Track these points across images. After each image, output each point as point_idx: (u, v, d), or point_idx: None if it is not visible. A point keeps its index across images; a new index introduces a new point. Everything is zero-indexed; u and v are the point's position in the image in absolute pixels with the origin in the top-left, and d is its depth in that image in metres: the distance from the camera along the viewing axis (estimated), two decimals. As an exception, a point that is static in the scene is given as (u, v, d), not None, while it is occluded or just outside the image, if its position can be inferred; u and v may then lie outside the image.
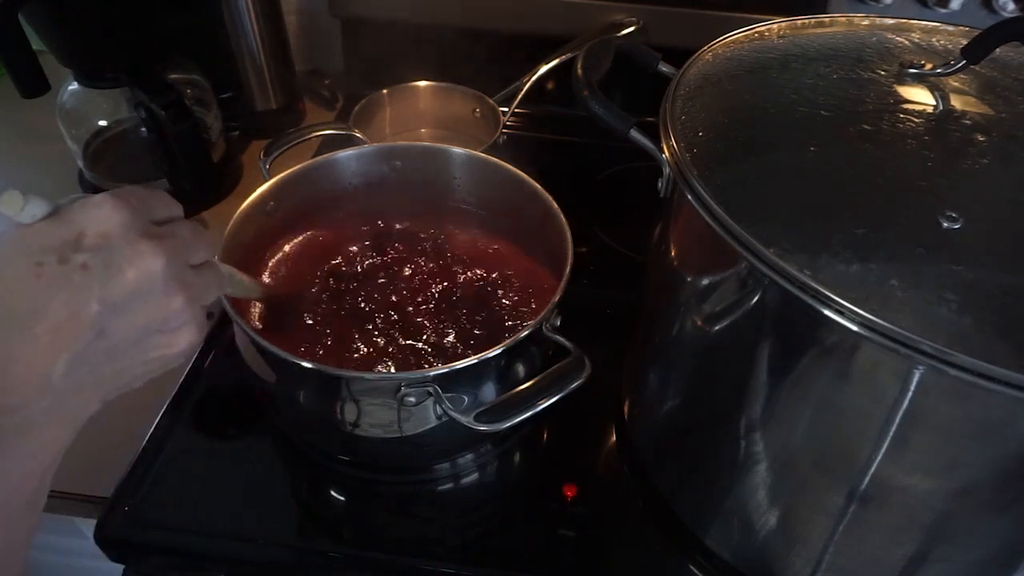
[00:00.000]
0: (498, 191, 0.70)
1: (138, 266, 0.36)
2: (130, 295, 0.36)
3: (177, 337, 0.39)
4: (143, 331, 0.37)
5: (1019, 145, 0.47)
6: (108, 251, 0.35)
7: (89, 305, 0.35)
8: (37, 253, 0.35)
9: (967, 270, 0.40)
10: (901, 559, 0.49)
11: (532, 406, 0.52)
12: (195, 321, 0.39)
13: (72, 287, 0.34)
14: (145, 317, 0.37)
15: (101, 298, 0.35)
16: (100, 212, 0.36)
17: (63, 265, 0.34)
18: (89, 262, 0.35)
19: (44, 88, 0.73)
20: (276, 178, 0.67)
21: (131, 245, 0.36)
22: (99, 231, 0.35)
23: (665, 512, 0.61)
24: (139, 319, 0.37)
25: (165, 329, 0.38)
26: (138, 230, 0.36)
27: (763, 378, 0.47)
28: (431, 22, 0.96)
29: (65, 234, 0.35)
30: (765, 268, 0.41)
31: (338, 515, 0.63)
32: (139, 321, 0.37)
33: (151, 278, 0.36)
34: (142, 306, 0.36)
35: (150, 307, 0.37)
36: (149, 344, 0.38)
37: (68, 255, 0.35)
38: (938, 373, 0.37)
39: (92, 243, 0.35)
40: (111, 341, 0.36)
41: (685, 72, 0.55)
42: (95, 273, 0.35)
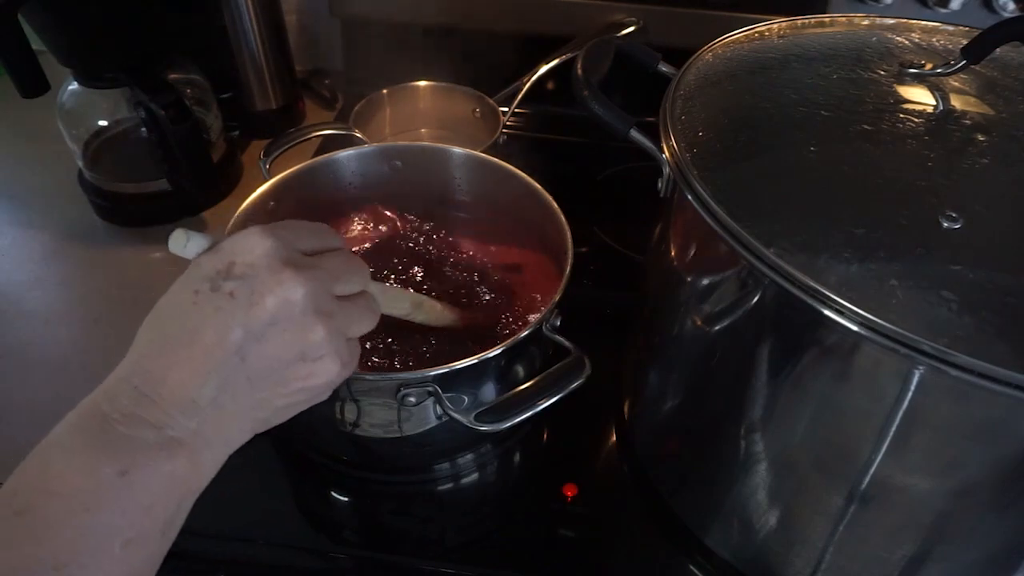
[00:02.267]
0: (498, 191, 0.70)
1: (278, 295, 0.36)
2: (270, 323, 0.36)
3: (317, 368, 0.39)
4: (282, 361, 0.37)
5: (1019, 145, 0.47)
6: (253, 279, 0.36)
7: (233, 331, 0.36)
8: (195, 282, 0.37)
9: (967, 270, 0.40)
10: (901, 559, 0.49)
11: (532, 406, 0.52)
12: (337, 355, 0.39)
13: (220, 313, 0.36)
14: (284, 346, 0.37)
15: (244, 325, 0.36)
16: (248, 242, 0.37)
17: (214, 293, 0.36)
18: (235, 290, 0.36)
19: (44, 88, 0.73)
20: (276, 178, 0.67)
21: (273, 274, 0.36)
22: (246, 260, 0.37)
23: (665, 512, 0.61)
24: (278, 348, 0.37)
25: (306, 360, 0.38)
26: (282, 259, 0.37)
27: (763, 378, 0.47)
28: (431, 22, 0.96)
29: (218, 264, 0.37)
30: (765, 268, 0.41)
31: (338, 515, 0.63)
32: (278, 350, 0.37)
33: (290, 307, 0.37)
34: (281, 335, 0.37)
35: (289, 337, 0.37)
36: (289, 374, 0.38)
37: (219, 283, 0.36)
38: (938, 373, 0.37)
39: (239, 271, 0.36)
40: (252, 369, 0.37)
41: (685, 72, 0.55)
42: (240, 300, 0.36)
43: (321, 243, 0.41)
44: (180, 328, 0.36)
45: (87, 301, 0.79)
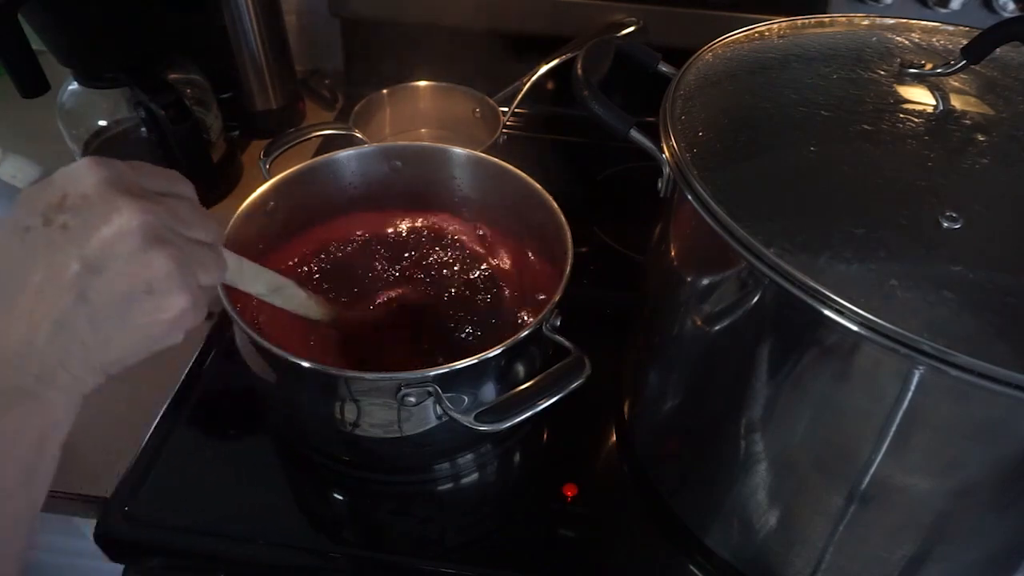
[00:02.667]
0: (498, 191, 0.70)
1: (114, 223, 0.34)
2: (107, 253, 0.34)
3: (165, 303, 0.36)
4: (126, 295, 0.35)
5: (1019, 145, 0.47)
6: (87, 209, 0.34)
7: (68, 266, 0.33)
8: (26, 218, 0.34)
9: (967, 270, 0.40)
10: (901, 559, 0.49)
11: (532, 406, 0.52)
12: (187, 288, 0.36)
13: (52, 248, 0.33)
14: (126, 278, 0.34)
15: (80, 257, 0.33)
16: (79, 171, 0.35)
17: (46, 228, 0.33)
18: (69, 222, 0.33)
19: (44, 88, 0.73)
20: (276, 178, 0.67)
21: (108, 202, 0.34)
22: (80, 191, 0.34)
23: (665, 512, 0.61)
24: (120, 281, 0.34)
25: (152, 293, 0.35)
26: (118, 187, 0.34)
27: (763, 378, 0.47)
28: (431, 22, 0.96)
29: (50, 197, 0.34)
30: (765, 268, 0.41)
31: (338, 515, 0.63)
32: (120, 283, 0.34)
33: (129, 236, 0.34)
34: (122, 266, 0.34)
35: (130, 267, 0.34)
36: (136, 310, 0.35)
37: (52, 217, 0.34)
38: (938, 373, 0.37)
39: (73, 203, 0.34)
40: (94, 305, 0.34)
41: (685, 72, 0.55)
42: (74, 232, 0.33)
43: (169, 186, 0.38)
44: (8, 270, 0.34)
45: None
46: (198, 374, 0.70)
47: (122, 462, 0.63)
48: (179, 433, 0.65)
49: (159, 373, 0.70)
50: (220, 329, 0.73)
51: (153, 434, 0.65)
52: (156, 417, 0.66)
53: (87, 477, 0.63)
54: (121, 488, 0.61)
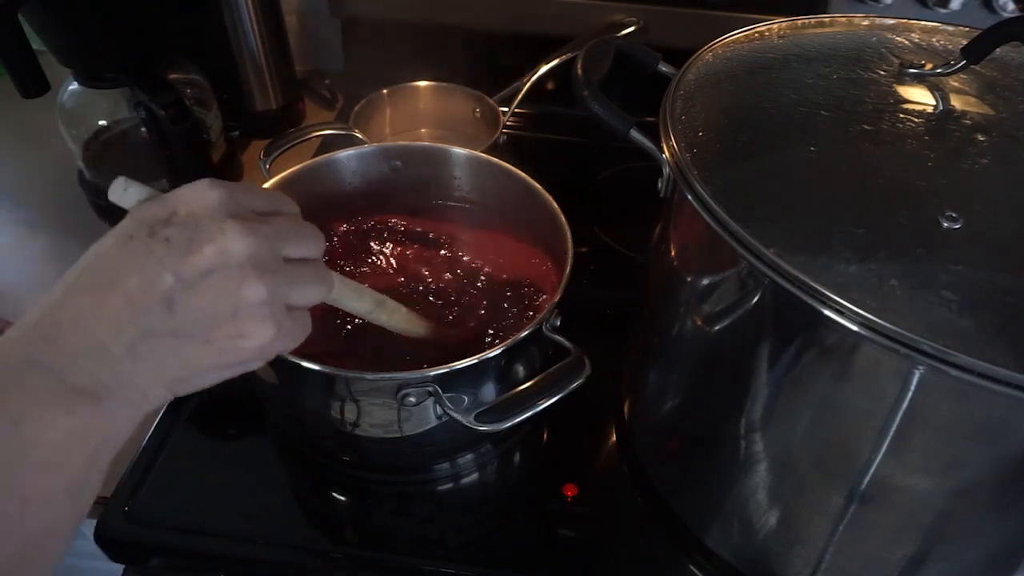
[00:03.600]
0: (498, 191, 0.70)
1: (218, 243, 0.34)
2: (204, 273, 0.34)
3: (250, 329, 0.35)
4: (213, 316, 0.35)
5: (1019, 145, 0.47)
6: (193, 227, 0.34)
7: (163, 277, 0.33)
8: (131, 228, 0.35)
9: (967, 270, 0.40)
10: (901, 559, 0.49)
11: (532, 406, 0.52)
12: (273, 318, 0.36)
13: (151, 258, 0.34)
14: (216, 300, 0.34)
15: (176, 271, 0.34)
16: (194, 191, 0.35)
17: (150, 239, 0.34)
18: (173, 236, 0.34)
19: (44, 88, 0.73)
20: (276, 178, 0.67)
21: (216, 223, 0.34)
22: (190, 210, 0.34)
23: (665, 512, 0.61)
24: (210, 301, 0.34)
25: (238, 318, 0.35)
26: (228, 211, 0.35)
27: (763, 378, 0.47)
28: (431, 22, 0.96)
29: (159, 212, 0.35)
30: (765, 268, 0.41)
31: (338, 515, 0.63)
32: (210, 303, 0.34)
33: (229, 258, 0.34)
34: (215, 287, 0.34)
35: (223, 289, 0.34)
36: (219, 332, 0.35)
37: (156, 230, 0.34)
38: (938, 373, 0.37)
39: (180, 220, 0.34)
40: (179, 320, 0.34)
41: (685, 72, 0.55)
42: (175, 247, 0.34)
43: (274, 206, 0.38)
44: (102, 271, 0.34)
45: (87, 301, 0.79)
46: (198, 374, 0.70)
47: (122, 462, 0.63)
48: (179, 433, 0.65)
49: (159, 373, 0.70)
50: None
51: (153, 434, 0.65)
52: (156, 417, 0.66)
53: (87, 477, 0.63)
54: (121, 488, 0.61)
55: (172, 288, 0.34)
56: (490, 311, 0.64)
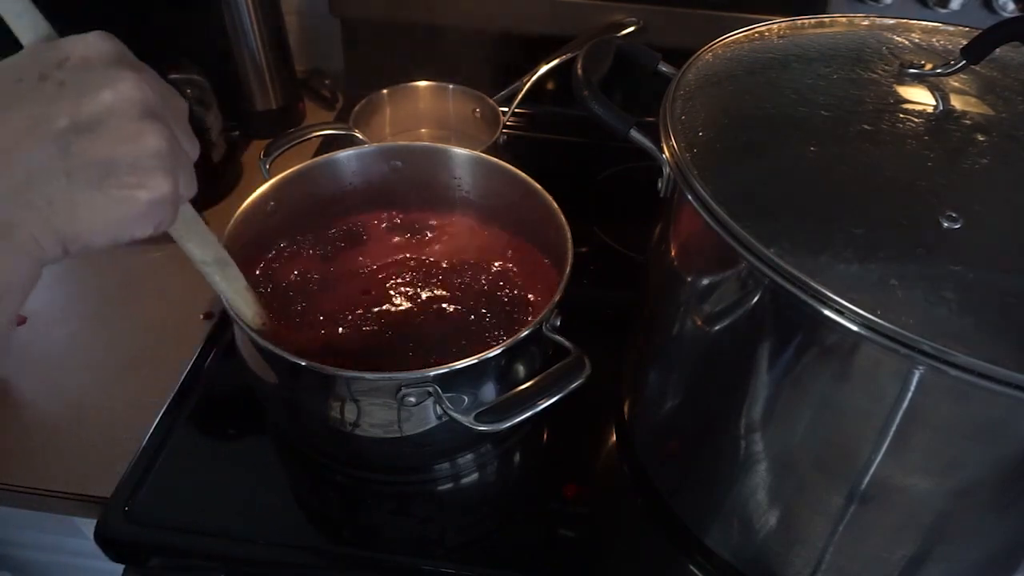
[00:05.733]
0: (498, 191, 0.70)
1: (117, 89, 0.33)
2: (101, 116, 0.33)
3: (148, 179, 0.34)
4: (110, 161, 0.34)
5: (1019, 145, 0.47)
6: (88, 71, 0.33)
7: (57, 119, 0.32)
8: (21, 70, 0.33)
9: (967, 270, 0.40)
10: (901, 559, 0.49)
11: (532, 406, 0.52)
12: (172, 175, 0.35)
13: (44, 100, 0.33)
14: (114, 144, 0.33)
15: (71, 113, 0.33)
16: (89, 39, 0.34)
17: (42, 82, 0.33)
18: (67, 79, 0.33)
19: (44, 88, 0.73)
20: (276, 178, 0.67)
21: (114, 70, 0.34)
22: (84, 55, 0.34)
23: (665, 512, 0.61)
24: (107, 145, 0.33)
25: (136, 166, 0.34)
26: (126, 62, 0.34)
27: (763, 378, 0.47)
28: (431, 22, 0.96)
29: (51, 56, 0.34)
30: (765, 268, 0.41)
31: (338, 515, 0.63)
32: (106, 147, 0.33)
33: (129, 104, 0.34)
34: (113, 132, 0.33)
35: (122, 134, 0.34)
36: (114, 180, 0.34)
37: (49, 73, 0.33)
38: (938, 373, 0.37)
39: (74, 64, 0.33)
40: (74, 160, 0.33)
41: (685, 72, 0.55)
42: (70, 90, 0.33)
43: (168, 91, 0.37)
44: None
45: (86, 299, 0.79)
46: (198, 374, 0.70)
47: (122, 462, 0.63)
48: (179, 433, 0.65)
49: (159, 373, 0.70)
50: (220, 329, 0.73)
51: (153, 434, 0.65)
52: (156, 417, 0.66)
53: (87, 477, 0.63)
54: (121, 488, 0.61)
55: (67, 129, 0.33)
56: (490, 311, 0.64)
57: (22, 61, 0.34)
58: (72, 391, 0.69)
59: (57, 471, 0.63)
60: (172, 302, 0.77)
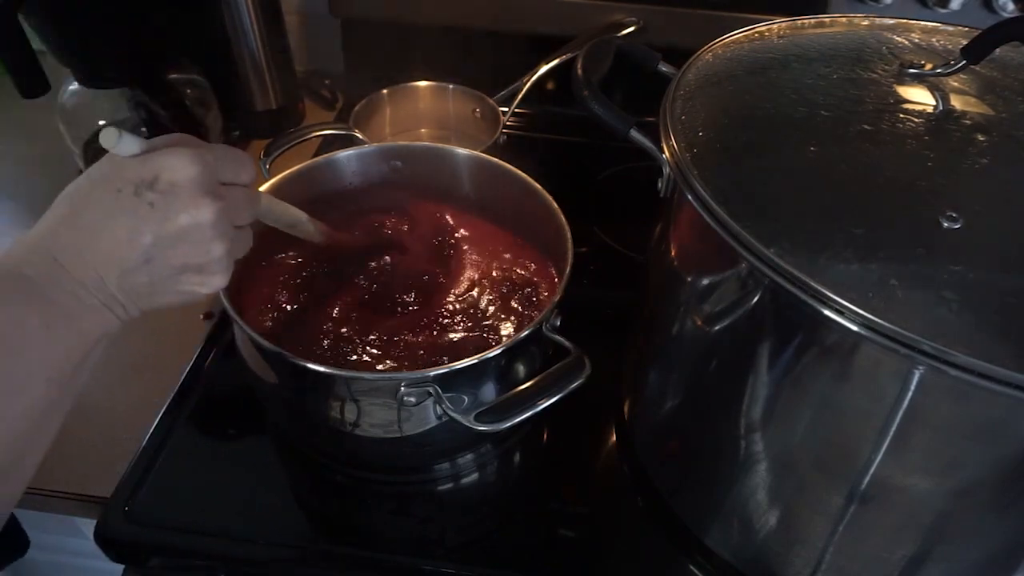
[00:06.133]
0: (498, 191, 0.70)
1: (193, 216, 0.43)
2: (179, 237, 0.43)
3: (209, 279, 0.46)
4: (182, 268, 0.44)
5: (1019, 145, 0.47)
6: (173, 197, 0.42)
7: (144, 236, 0.42)
8: (118, 182, 0.42)
9: (967, 270, 0.40)
10: (901, 559, 0.49)
11: (532, 406, 0.52)
12: (228, 271, 0.47)
13: (136, 217, 0.42)
14: (186, 257, 0.44)
15: (155, 233, 0.42)
16: (177, 161, 0.42)
17: (136, 198, 0.42)
18: (156, 202, 0.42)
19: (44, 88, 0.73)
20: (276, 178, 0.67)
21: (192, 197, 0.42)
22: (171, 178, 0.42)
23: (665, 512, 0.61)
24: (181, 258, 0.44)
25: (202, 272, 0.45)
26: (203, 186, 0.43)
27: (763, 378, 0.47)
28: (431, 22, 0.96)
29: (144, 173, 0.42)
30: (765, 268, 0.41)
31: (338, 515, 0.63)
32: (181, 260, 0.44)
33: (200, 228, 0.43)
34: (186, 248, 0.43)
35: (193, 251, 0.44)
36: (185, 280, 0.45)
37: (142, 191, 0.42)
38: (938, 373, 0.37)
39: (162, 187, 0.42)
40: (154, 269, 0.43)
41: (685, 72, 0.55)
42: (157, 212, 0.42)
43: (236, 176, 0.47)
44: (98, 218, 0.42)
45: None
46: (198, 374, 0.70)
47: (122, 462, 0.63)
48: (179, 433, 0.65)
49: (159, 373, 0.70)
50: (220, 329, 0.73)
51: (153, 434, 0.65)
52: (156, 417, 0.66)
53: (87, 477, 0.63)
54: (121, 488, 0.61)
55: (151, 246, 0.43)
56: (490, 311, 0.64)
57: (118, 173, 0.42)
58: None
59: (57, 471, 0.63)
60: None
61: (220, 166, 0.45)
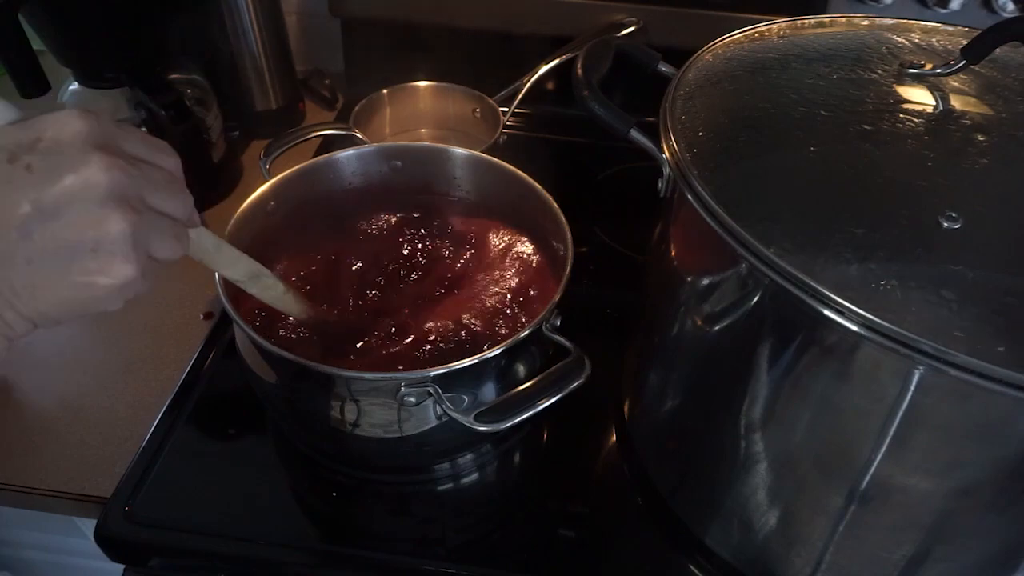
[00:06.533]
0: (498, 191, 0.70)
1: (81, 174, 0.33)
2: (64, 201, 0.33)
3: (109, 266, 0.35)
4: (72, 247, 0.34)
5: (1019, 145, 0.48)
6: (56, 155, 0.33)
7: (20, 205, 0.33)
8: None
9: (967, 270, 0.40)
10: (901, 559, 0.49)
11: (532, 406, 0.52)
12: (135, 259, 0.35)
13: (9, 185, 0.33)
14: (76, 230, 0.34)
15: (34, 199, 0.33)
16: (61, 118, 0.34)
17: (10, 164, 0.33)
18: (34, 163, 0.33)
19: (44, 88, 0.73)
20: (276, 178, 0.67)
21: (80, 153, 0.34)
22: (54, 136, 0.34)
23: (665, 512, 0.61)
24: (69, 231, 0.34)
25: (97, 252, 0.34)
26: (95, 142, 0.34)
27: (763, 378, 0.47)
28: (431, 22, 0.96)
29: (23, 137, 0.34)
30: (765, 268, 0.41)
31: (338, 515, 0.63)
32: (69, 233, 0.34)
33: (91, 189, 0.33)
34: (75, 217, 0.33)
35: (84, 221, 0.34)
36: (77, 265, 0.34)
37: (19, 155, 0.33)
38: (938, 373, 0.37)
39: (45, 147, 0.34)
40: (35, 246, 0.33)
41: (685, 72, 0.55)
42: (37, 175, 0.33)
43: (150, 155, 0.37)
44: None
45: (87, 301, 0.79)
46: (198, 374, 0.70)
47: (122, 462, 0.63)
48: (179, 433, 0.65)
49: (159, 373, 0.70)
50: (220, 329, 0.73)
51: (153, 434, 0.65)
52: (156, 417, 0.66)
53: (87, 477, 0.63)
54: (121, 488, 0.61)
55: (29, 216, 0.33)
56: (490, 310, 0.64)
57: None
58: (72, 391, 0.69)
59: (57, 471, 0.63)
60: (172, 302, 0.77)
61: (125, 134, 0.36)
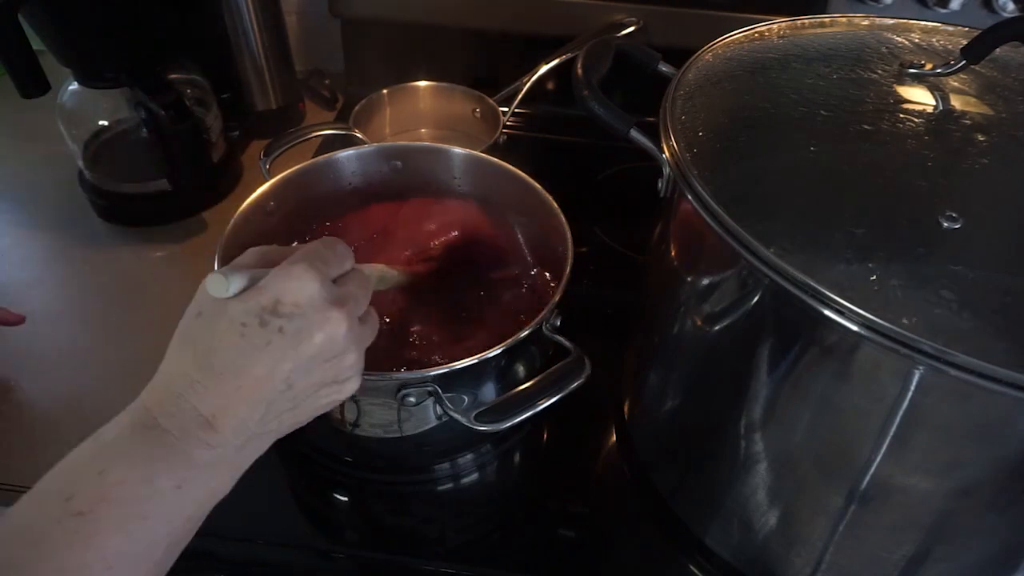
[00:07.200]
0: (498, 191, 0.70)
1: (326, 332, 0.40)
2: (317, 356, 0.41)
3: (345, 387, 0.44)
4: (321, 384, 0.42)
5: (1019, 145, 0.47)
6: (301, 318, 0.40)
7: (284, 364, 0.40)
8: (240, 315, 0.39)
9: (967, 270, 0.40)
10: (901, 559, 0.49)
11: (532, 406, 0.52)
12: (360, 373, 0.44)
13: (270, 348, 0.39)
14: (325, 374, 0.42)
15: (294, 359, 0.40)
16: (293, 284, 0.40)
17: (263, 328, 0.39)
18: (285, 327, 0.39)
19: (44, 88, 0.73)
20: (276, 178, 0.67)
21: (320, 313, 0.40)
22: (293, 300, 0.40)
23: (665, 512, 0.61)
24: (320, 376, 0.42)
25: (338, 381, 0.43)
26: (326, 298, 0.40)
27: (763, 378, 0.47)
28: (431, 22, 0.96)
29: (264, 301, 0.39)
30: (765, 268, 0.41)
31: (338, 515, 0.63)
32: (320, 377, 0.42)
33: (335, 342, 0.41)
34: (324, 364, 0.41)
35: (330, 365, 0.42)
36: (323, 393, 0.43)
37: (267, 319, 0.39)
38: (938, 373, 0.37)
39: (287, 311, 0.39)
40: (295, 393, 0.41)
41: (685, 72, 0.55)
42: (289, 337, 0.39)
43: (342, 267, 0.44)
44: (230, 359, 0.39)
45: (87, 301, 0.79)
46: (198, 374, 0.70)
47: (122, 462, 0.63)
48: (179, 433, 0.65)
49: (159, 373, 0.70)
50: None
51: (153, 434, 0.64)
52: (156, 417, 0.66)
53: (87, 477, 0.63)
54: (121, 488, 0.61)
55: (291, 372, 0.40)
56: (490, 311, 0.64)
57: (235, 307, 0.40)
58: (72, 391, 0.69)
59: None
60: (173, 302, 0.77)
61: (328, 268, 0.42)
